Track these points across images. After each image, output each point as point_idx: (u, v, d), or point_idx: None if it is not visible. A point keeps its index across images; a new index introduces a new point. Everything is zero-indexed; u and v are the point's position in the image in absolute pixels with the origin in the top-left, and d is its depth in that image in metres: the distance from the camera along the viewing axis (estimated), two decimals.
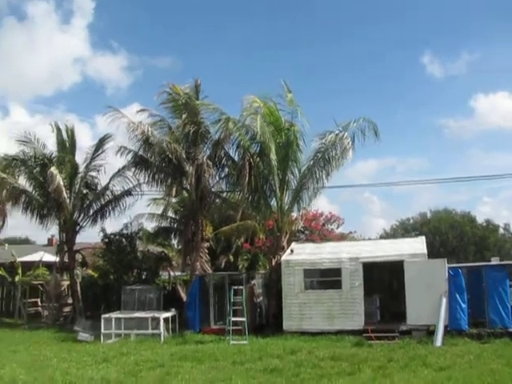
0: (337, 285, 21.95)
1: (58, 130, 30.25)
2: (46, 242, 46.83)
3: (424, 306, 20.28)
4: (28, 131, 29.67)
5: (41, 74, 79.92)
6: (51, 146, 30.13)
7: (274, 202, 25.50)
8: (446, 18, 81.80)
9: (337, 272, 21.97)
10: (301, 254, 23.67)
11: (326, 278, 22.32)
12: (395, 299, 23.97)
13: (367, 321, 21.51)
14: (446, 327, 19.61)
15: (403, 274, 21.18)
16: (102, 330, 21.90)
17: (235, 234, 31.40)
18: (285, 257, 23.35)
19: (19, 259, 31.67)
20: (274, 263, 24.70)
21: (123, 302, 25.20)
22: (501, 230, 72.30)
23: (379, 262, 21.94)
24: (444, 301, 20.13)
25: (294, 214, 27.01)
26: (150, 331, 21.82)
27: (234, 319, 21.07)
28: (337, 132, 24.15)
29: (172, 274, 31.25)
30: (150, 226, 33.34)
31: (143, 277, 29.78)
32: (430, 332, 19.87)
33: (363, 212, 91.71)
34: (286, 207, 25.20)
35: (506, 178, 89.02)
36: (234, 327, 21.04)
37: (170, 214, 34.08)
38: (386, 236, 68.34)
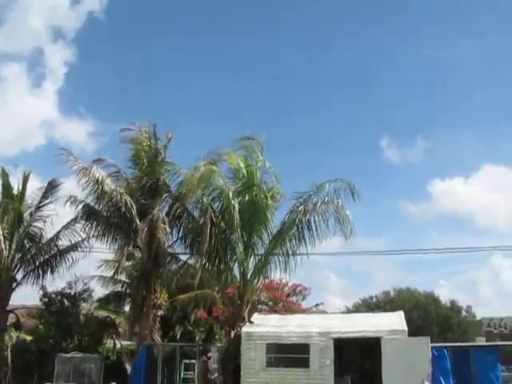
0: (304, 363, 19.17)
1: (5, 174, 27.36)
2: None
3: None
4: None
5: (7, 134, 79.13)
6: None
7: (236, 268, 22.84)
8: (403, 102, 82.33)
9: (304, 348, 19.26)
10: (264, 326, 20.94)
11: (292, 355, 19.50)
12: (369, 381, 21.40)
13: None
14: None
15: (379, 352, 18.62)
16: None
17: (192, 304, 28.71)
18: (246, 328, 20.58)
19: None
20: (232, 335, 21.78)
21: (57, 372, 21.97)
22: (463, 313, 70.76)
23: (353, 338, 19.37)
24: None
25: (257, 283, 24.35)
26: None
27: None
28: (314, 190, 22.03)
29: (118, 342, 27.90)
30: (101, 290, 30.41)
31: (84, 344, 26.41)
32: None
33: (321, 289, 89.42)
34: (250, 274, 22.53)
35: (461, 263, 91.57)
36: None
37: (123, 277, 31.02)
38: None
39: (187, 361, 18.40)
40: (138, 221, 23.12)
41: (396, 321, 20.30)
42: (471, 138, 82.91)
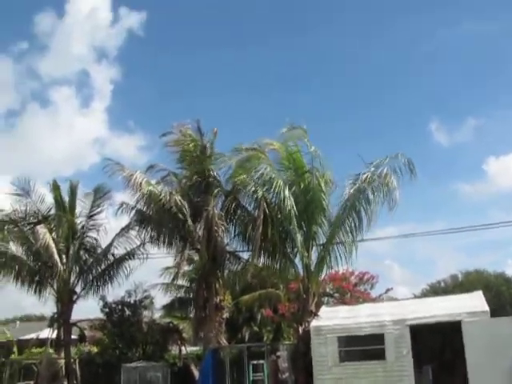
0: (379, 355, 17.86)
1: (56, 187, 26.94)
2: None
3: (492, 378, 16.18)
4: (27, 180, 26.00)
5: (62, 155, 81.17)
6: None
7: (298, 261, 21.71)
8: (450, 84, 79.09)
9: (379, 339, 17.95)
10: (333, 318, 19.73)
11: (366, 347, 18.22)
12: (449, 370, 19.90)
13: None
14: None
15: (459, 338, 17.19)
16: None
17: (257, 304, 27.75)
18: (315, 323, 19.43)
19: (22, 337, 27.87)
20: (300, 331, 20.66)
21: (123, 382, 21.28)
22: None
23: (430, 324, 17.93)
24: None
25: (322, 274, 23.18)
26: None
27: None
28: (372, 169, 20.61)
29: (183, 348, 27.13)
30: (166, 298, 30.05)
31: (149, 352, 25.74)
32: None
33: (385, 280, 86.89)
34: (313, 265, 21.38)
35: None
36: None
37: (185, 282, 30.43)
38: None
39: (255, 362, 17.30)
40: (190, 221, 22.25)
41: (476, 302, 18.74)
42: None
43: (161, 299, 29.63)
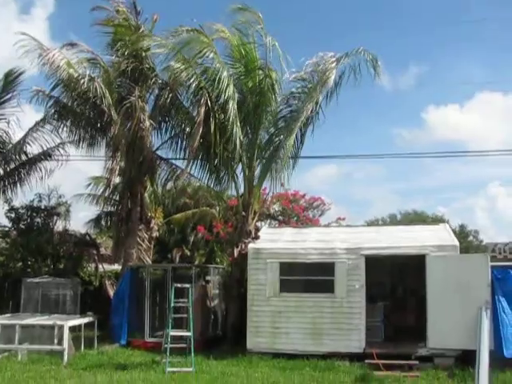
0: (328, 287, 15.04)
1: None
2: None
3: (454, 321, 13.74)
4: None
5: None
6: None
7: (240, 172, 18.49)
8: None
9: (328, 268, 15.07)
10: (276, 241, 16.72)
11: (313, 277, 15.32)
12: (403, 308, 17.52)
13: (369, 340, 14.82)
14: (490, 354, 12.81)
15: (420, 273, 14.69)
16: None
17: (191, 224, 25.97)
18: (253, 244, 16.39)
19: None
20: (236, 254, 17.64)
21: (23, 300, 17.93)
22: (470, 237, 67.53)
23: (390, 255, 15.19)
24: (486, 314, 13.46)
25: (265, 189, 20.09)
26: (48, 346, 14.52)
27: (173, 333, 13.95)
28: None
29: (101, 266, 23.79)
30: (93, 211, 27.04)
31: (61, 267, 22.32)
32: (462, 360, 13.32)
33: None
34: (256, 178, 18.21)
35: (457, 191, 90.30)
36: (175, 344, 14.02)
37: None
38: None
39: (179, 285, 14.19)
40: (115, 115, 18.49)
41: (443, 234, 16.08)
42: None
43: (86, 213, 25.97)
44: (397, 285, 18.54)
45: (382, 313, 16.31)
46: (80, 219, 31.64)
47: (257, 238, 17.13)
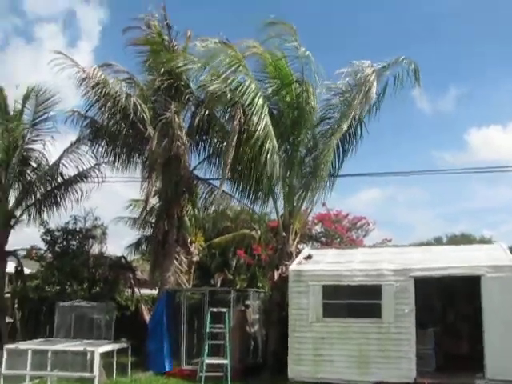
0: (374, 311, 14.06)
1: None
2: None
3: None
4: None
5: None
6: None
7: (279, 191, 17.67)
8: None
9: (375, 291, 14.10)
10: (318, 262, 15.80)
11: (358, 301, 14.35)
12: (456, 335, 16.39)
13: (420, 369, 13.70)
14: None
15: (472, 296, 13.78)
16: (3, 370, 13.82)
17: (232, 248, 25.82)
18: (294, 266, 15.51)
19: None
20: (276, 277, 16.80)
21: (57, 324, 17.34)
22: None
23: (441, 276, 14.11)
24: None
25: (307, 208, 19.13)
26: (78, 373, 13.80)
27: (209, 361, 13.11)
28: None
29: (137, 290, 23.13)
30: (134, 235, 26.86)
31: (96, 291, 21.76)
32: None
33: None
34: (297, 196, 17.36)
35: (503, 213, 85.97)
36: (212, 373, 13.17)
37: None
38: None
39: (215, 309, 13.37)
40: (152, 132, 17.93)
41: (498, 254, 14.93)
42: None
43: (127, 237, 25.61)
44: (448, 309, 17.40)
45: (432, 339, 15.18)
46: (122, 246, 31.29)
47: (310, 257, 16.19)
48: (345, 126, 16.39)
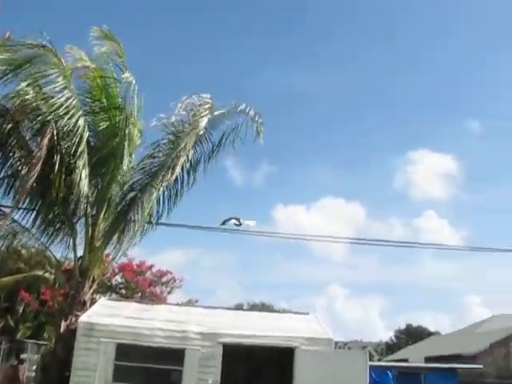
0: (174, 379, 12.12)
1: None
2: None
3: None
4: None
5: None
6: None
7: (81, 229, 15.13)
8: None
9: (177, 356, 12.20)
10: (115, 316, 13.52)
11: (156, 365, 12.31)
12: None
13: None
14: None
15: (288, 369, 12.38)
16: None
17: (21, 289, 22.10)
18: (85, 318, 13.07)
19: None
20: (63, 328, 14.11)
21: None
22: None
23: (254, 345, 12.57)
24: None
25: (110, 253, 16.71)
26: None
27: None
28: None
29: None
30: None
31: None
32: None
33: None
34: (100, 237, 14.96)
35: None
36: None
37: None
38: None
39: None
40: None
41: (315, 326, 13.77)
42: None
43: None
44: (254, 382, 15.83)
45: None
46: None
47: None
48: (169, 170, 14.49)
